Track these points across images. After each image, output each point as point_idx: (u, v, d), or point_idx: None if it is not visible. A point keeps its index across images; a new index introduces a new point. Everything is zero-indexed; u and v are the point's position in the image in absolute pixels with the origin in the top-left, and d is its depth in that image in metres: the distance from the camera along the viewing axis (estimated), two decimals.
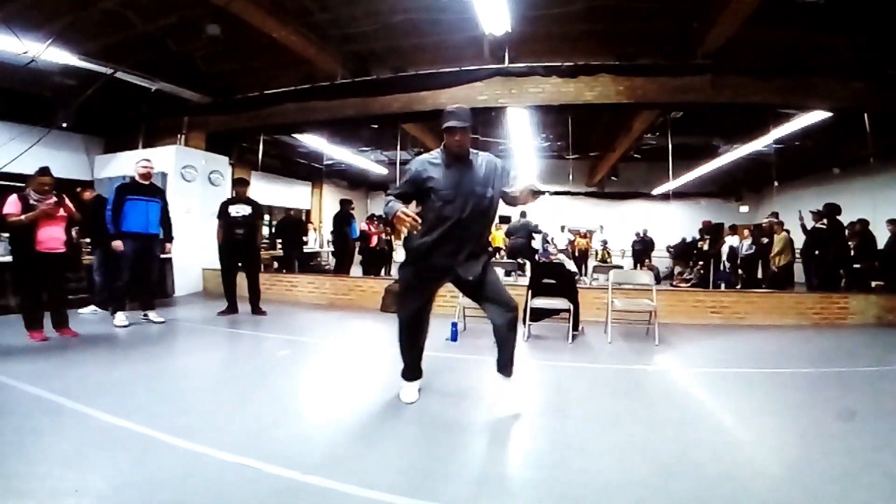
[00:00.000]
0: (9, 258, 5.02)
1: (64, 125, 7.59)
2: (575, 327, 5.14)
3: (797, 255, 8.17)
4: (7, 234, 4.79)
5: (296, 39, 6.44)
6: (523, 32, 6.26)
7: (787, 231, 8.30)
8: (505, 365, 2.96)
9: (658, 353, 4.67)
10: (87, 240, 6.11)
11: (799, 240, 8.03)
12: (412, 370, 3.13)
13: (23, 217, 4.21)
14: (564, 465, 2.24)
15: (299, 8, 6.13)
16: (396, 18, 6.27)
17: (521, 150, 10.72)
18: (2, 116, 7.34)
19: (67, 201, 4.56)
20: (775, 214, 8.57)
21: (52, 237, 4.39)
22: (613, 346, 4.90)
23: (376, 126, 9.59)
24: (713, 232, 10.34)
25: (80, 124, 8.14)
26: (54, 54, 6.09)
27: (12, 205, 4.24)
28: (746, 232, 9.60)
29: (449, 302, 5.52)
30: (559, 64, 6.54)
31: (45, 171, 4.44)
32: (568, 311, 5.07)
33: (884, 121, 6.84)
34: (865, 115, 6.83)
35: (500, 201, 2.92)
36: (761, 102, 6.62)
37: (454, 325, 5.01)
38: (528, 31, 6.28)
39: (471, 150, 2.87)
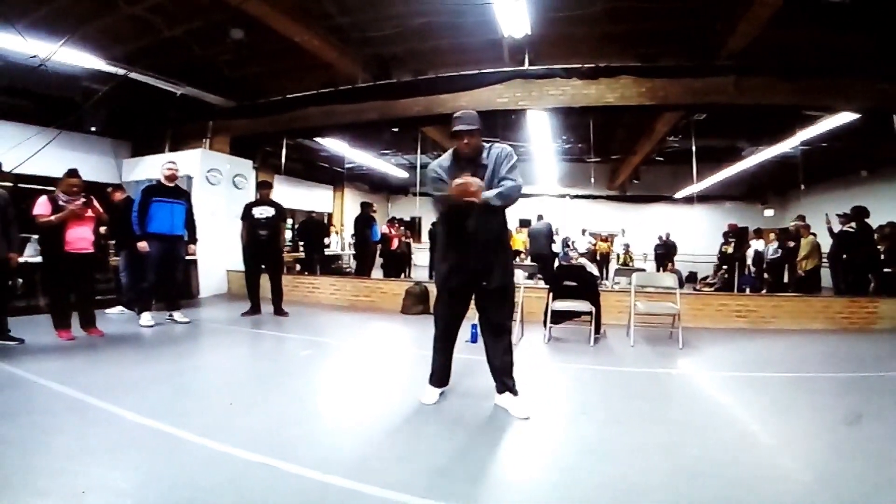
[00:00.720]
0: (38, 258, 5.18)
1: (93, 129, 7.82)
2: (597, 330, 5.09)
3: (824, 259, 7.97)
4: (37, 235, 4.94)
5: (318, 43, 6.53)
6: (543, 34, 6.26)
7: (815, 234, 8.11)
8: (509, 386, 2.95)
9: (682, 356, 4.60)
10: (113, 241, 6.24)
11: (826, 243, 7.85)
12: (440, 376, 3.13)
13: (52, 217, 4.33)
14: (585, 467, 2.22)
15: (321, 12, 6.21)
16: (416, 22, 6.31)
17: (542, 152, 10.71)
18: (33, 119, 7.53)
19: (95, 202, 4.68)
20: (802, 218, 8.39)
21: (80, 237, 4.51)
22: (636, 349, 4.84)
23: (397, 130, 9.67)
24: (738, 235, 10.16)
25: (109, 128, 8.38)
26: (81, 59, 6.28)
27: (42, 206, 4.36)
28: (772, 236, 9.40)
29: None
30: (579, 66, 6.50)
31: (73, 172, 4.57)
32: (589, 313, 5.02)
33: None
34: (895, 116, 6.61)
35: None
36: (786, 104, 6.48)
37: (474, 326, 4.96)
38: (548, 33, 6.26)
39: (484, 145, 2.86)
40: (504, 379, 2.94)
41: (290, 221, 11.76)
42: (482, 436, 2.59)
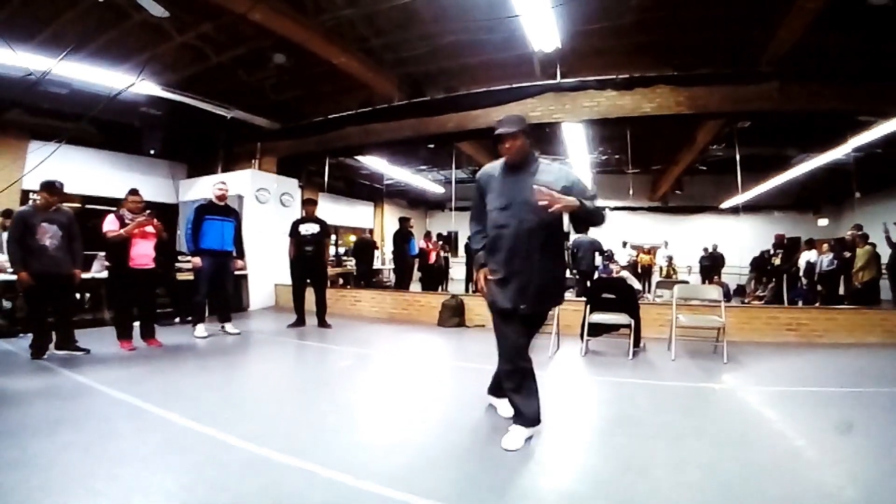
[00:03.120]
0: (104, 274, 5.57)
1: (152, 152, 8.40)
2: (636, 343, 5.01)
3: (883, 271, 7.56)
4: (104, 252, 5.32)
5: (355, 65, 6.79)
6: (575, 47, 6.29)
7: (873, 245, 7.71)
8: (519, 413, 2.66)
9: (726, 371, 4.46)
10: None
11: (885, 254, 7.45)
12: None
13: (123, 231, 4.68)
14: (621, 481, 2.21)
15: (356, 35, 6.48)
16: (446, 40, 6.49)
17: (579, 164, 10.64)
18: (97, 144, 8.14)
19: (156, 221, 5.02)
20: (858, 227, 7.99)
21: (143, 254, 4.85)
22: (677, 363, 4.73)
23: (433, 146, 9.86)
24: (786, 246, 9.75)
25: (166, 151, 8.94)
26: (140, 86, 6.73)
27: (111, 222, 4.73)
28: (826, 246, 8.96)
29: None
30: (613, 77, 6.47)
31: (134, 191, 4.97)
32: (628, 326, 4.95)
33: None
34: None
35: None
36: (836, 109, 6.23)
37: None
38: (579, 45, 6.30)
39: (537, 158, 2.70)
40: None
41: (333, 237, 12.20)
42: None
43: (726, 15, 5.65)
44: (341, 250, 12.42)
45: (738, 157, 8.45)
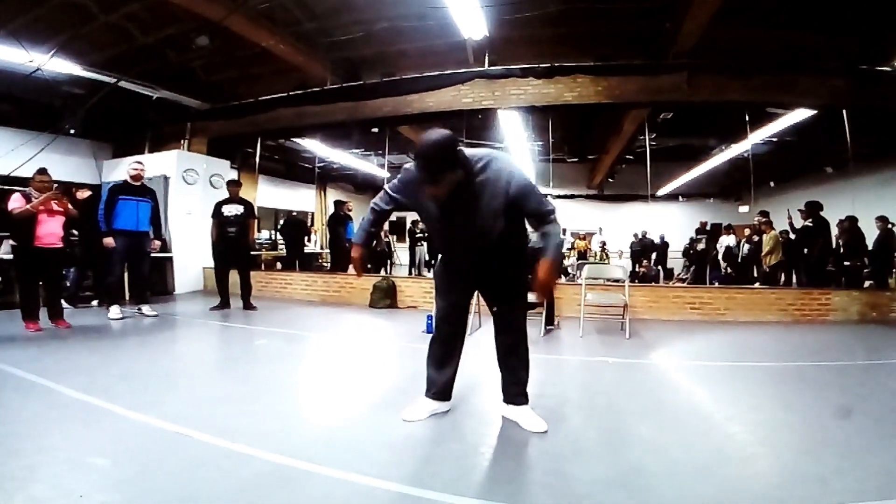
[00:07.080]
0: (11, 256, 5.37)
1: (72, 131, 8.03)
2: (549, 322, 5.26)
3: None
4: (8, 232, 5.13)
5: (284, 48, 6.77)
6: (504, 36, 6.48)
7: (786, 231, 8.27)
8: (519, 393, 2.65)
9: (626, 346, 4.74)
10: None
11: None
12: (439, 388, 2.65)
13: (29, 206, 4.54)
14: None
15: (288, 18, 6.45)
16: (381, 26, 6.56)
17: (520, 153, 10.89)
18: (16, 124, 7.77)
19: (65, 200, 4.88)
20: (764, 213, 8.58)
21: (50, 233, 4.72)
22: (584, 339, 5.00)
23: (377, 130, 9.83)
24: (708, 232, 10.34)
25: (90, 131, 8.60)
26: (61, 65, 6.49)
27: (16, 200, 4.58)
28: (748, 231, 9.54)
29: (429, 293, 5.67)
30: (535, 66, 6.69)
31: (43, 170, 4.80)
32: (541, 305, 5.18)
33: (865, 117, 6.84)
34: (844, 112, 6.78)
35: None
36: (741, 101, 6.66)
37: (430, 317, 5.16)
38: (507, 35, 6.50)
39: (477, 164, 2.13)
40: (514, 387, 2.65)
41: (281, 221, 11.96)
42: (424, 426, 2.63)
43: (640, 7, 5.95)
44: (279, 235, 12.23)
45: (647, 149, 8.85)
